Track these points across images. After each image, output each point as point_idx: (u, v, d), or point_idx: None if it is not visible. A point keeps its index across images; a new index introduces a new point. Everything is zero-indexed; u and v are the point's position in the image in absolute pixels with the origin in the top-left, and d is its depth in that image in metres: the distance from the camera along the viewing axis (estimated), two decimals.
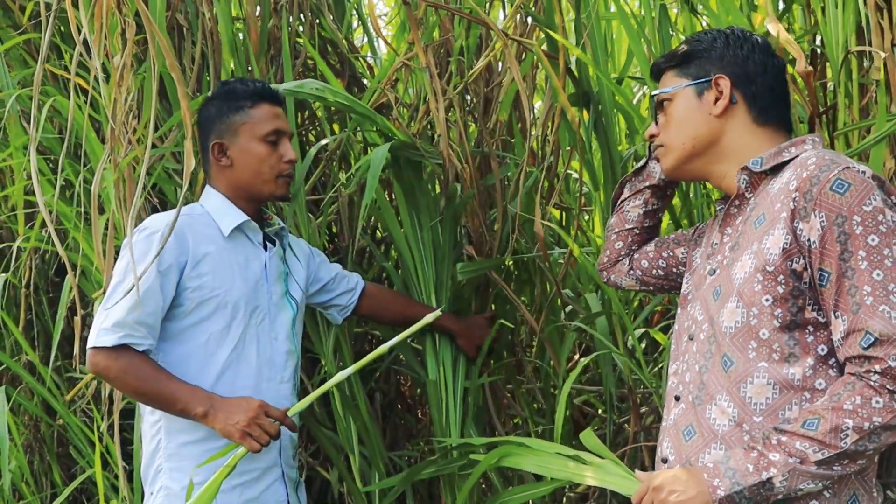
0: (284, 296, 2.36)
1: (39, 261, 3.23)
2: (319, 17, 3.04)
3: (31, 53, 3.09)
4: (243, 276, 2.26)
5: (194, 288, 2.18)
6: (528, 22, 2.55)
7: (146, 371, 2.11)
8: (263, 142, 2.28)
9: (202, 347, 2.20)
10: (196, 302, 2.19)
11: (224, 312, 2.21)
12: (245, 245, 2.31)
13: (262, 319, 2.29)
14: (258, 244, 2.34)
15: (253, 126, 2.28)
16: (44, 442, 3.30)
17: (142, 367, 2.11)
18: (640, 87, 3.43)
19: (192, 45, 2.74)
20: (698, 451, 1.67)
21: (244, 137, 2.28)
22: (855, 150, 1.94)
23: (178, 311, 2.20)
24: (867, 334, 1.50)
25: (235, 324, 2.23)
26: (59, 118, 2.95)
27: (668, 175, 1.87)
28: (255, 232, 2.33)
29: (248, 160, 2.28)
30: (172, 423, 2.20)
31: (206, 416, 2.10)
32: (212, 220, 2.27)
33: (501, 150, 2.87)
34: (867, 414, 1.49)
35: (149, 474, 2.26)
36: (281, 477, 2.31)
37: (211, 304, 2.20)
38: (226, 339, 2.22)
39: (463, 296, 2.70)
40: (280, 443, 2.30)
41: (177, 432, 2.21)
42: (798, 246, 1.57)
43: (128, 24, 1.98)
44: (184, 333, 2.20)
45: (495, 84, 2.74)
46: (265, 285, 2.31)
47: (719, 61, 1.75)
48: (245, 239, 2.32)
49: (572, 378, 2.36)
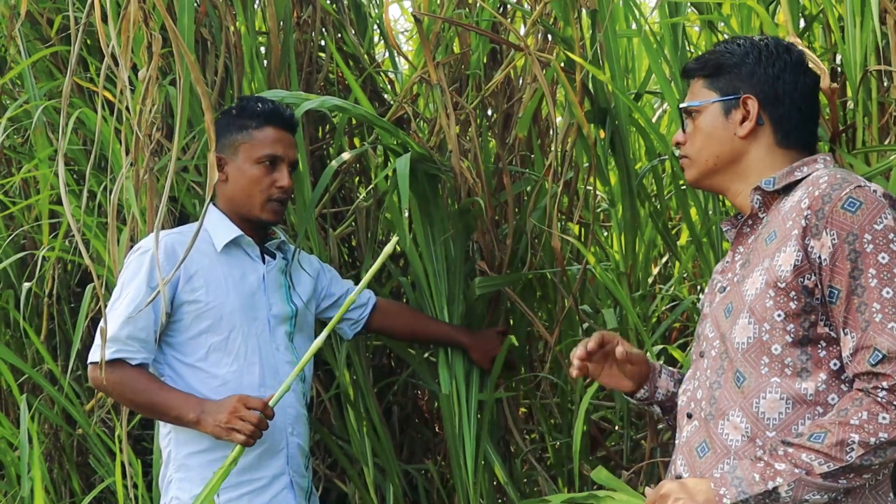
0: (284, 307, 2.38)
1: (62, 270, 3.26)
2: (342, 31, 3.07)
3: (58, 66, 3.13)
4: (239, 289, 2.29)
5: (190, 302, 2.24)
6: (547, 38, 2.57)
7: (139, 383, 2.18)
8: (259, 164, 2.30)
9: (203, 359, 2.26)
10: (193, 316, 2.24)
11: (221, 325, 2.26)
12: (241, 258, 2.34)
13: (263, 330, 2.31)
14: (256, 257, 2.37)
15: (252, 147, 2.30)
16: (63, 451, 3.33)
17: (135, 379, 2.18)
18: (660, 102, 3.44)
19: (216, 59, 2.77)
20: (711, 468, 1.67)
21: (242, 157, 2.31)
22: (875, 169, 1.94)
23: (178, 326, 2.26)
24: (875, 351, 1.51)
25: (234, 335, 2.27)
26: (84, 130, 2.99)
27: (690, 185, 1.88)
28: (250, 246, 2.35)
29: (241, 180, 2.31)
30: (180, 433, 2.26)
31: (198, 422, 2.15)
32: (207, 234, 2.30)
33: (520, 165, 2.88)
34: (874, 429, 1.49)
35: (163, 485, 2.31)
36: (290, 485, 2.32)
37: (207, 317, 2.25)
38: (226, 351, 2.26)
39: (475, 311, 2.71)
40: (287, 450, 2.32)
41: (184, 443, 2.26)
42: (809, 263, 1.58)
43: (154, 37, 2.01)
44: (185, 346, 2.26)
45: (515, 100, 2.76)
46: (263, 297, 2.34)
47: (749, 78, 1.73)
48: (241, 252, 2.35)
49: (590, 394, 2.36)
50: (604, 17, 2.38)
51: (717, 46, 1.82)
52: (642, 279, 3.07)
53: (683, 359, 2.73)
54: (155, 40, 2.01)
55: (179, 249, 2.22)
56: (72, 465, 3.31)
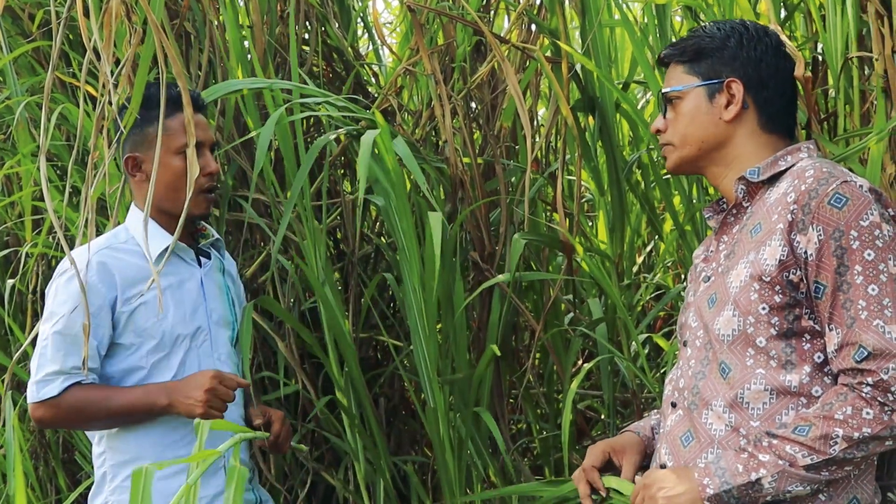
0: (225, 312, 2.28)
1: (46, 267, 3.24)
2: (325, 24, 3.06)
3: (40, 61, 3.11)
4: (178, 301, 2.17)
5: (127, 322, 2.11)
6: (531, 29, 2.57)
7: (94, 397, 2.07)
8: (180, 154, 2.12)
9: (145, 380, 2.13)
10: (133, 335, 2.12)
11: (162, 343, 2.14)
12: (177, 265, 2.20)
13: (204, 341, 2.20)
14: (191, 261, 2.23)
15: (168, 138, 2.11)
16: (49, 448, 3.31)
17: (88, 396, 2.07)
18: (643, 92, 3.45)
19: (200, 53, 2.76)
20: (695, 457, 1.68)
21: (160, 150, 2.04)
22: (853, 149, 1.95)
23: (118, 348, 2.14)
24: (861, 348, 1.53)
25: (175, 351, 2.15)
26: (66, 125, 2.97)
27: (671, 171, 1.88)
28: (185, 251, 2.22)
29: (165, 175, 2.12)
30: (118, 453, 2.15)
31: (170, 405, 2.06)
32: (137, 245, 2.15)
33: (505, 156, 2.88)
34: (857, 424, 1.51)
35: (95, 502, 2.19)
36: None
37: (147, 335, 2.13)
38: (166, 369, 2.14)
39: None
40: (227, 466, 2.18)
41: (123, 464, 2.14)
42: (795, 258, 1.58)
43: (135, 31, 2.00)
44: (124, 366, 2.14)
45: (500, 91, 2.76)
46: (203, 304, 2.22)
47: (732, 62, 1.72)
48: (176, 258, 2.19)
49: (576, 383, 2.37)
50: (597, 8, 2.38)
51: (695, 31, 1.79)
52: (627, 268, 3.09)
53: (668, 347, 2.74)
54: (135, 34, 2.00)
55: (111, 265, 2.10)
56: (57, 462, 3.30)
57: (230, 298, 2.30)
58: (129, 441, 2.15)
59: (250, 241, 2.96)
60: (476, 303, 2.72)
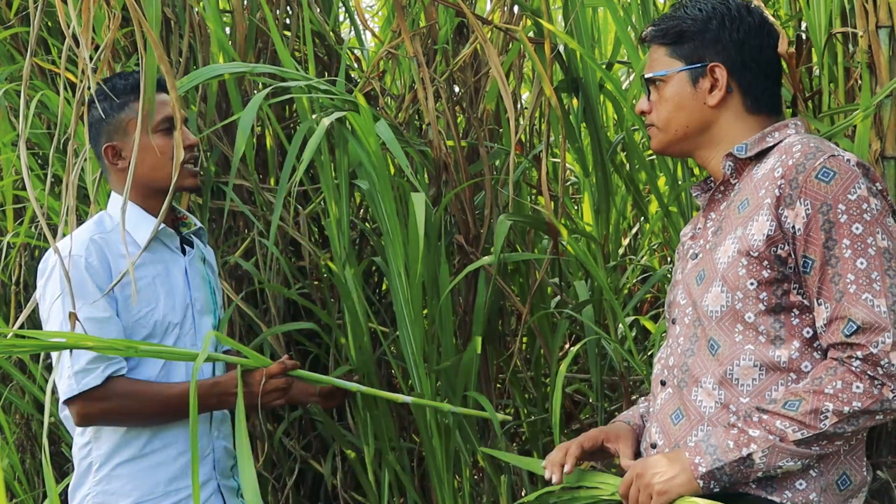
0: (207, 301, 2.28)
1: (29, 257, 3.22)
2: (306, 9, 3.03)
3: (18, 48, 3.08)
4: (166, 289, 2.17)
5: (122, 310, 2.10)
6: (514, 10, 2.56)
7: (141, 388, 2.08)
8: (157, 133, 2.14)
9: (135, 367, 2.12)
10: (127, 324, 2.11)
11: (154, 332, 2.13)
12: (162, 252, 2.21)
13: (189, 330, 2.21)
14: (175, 249, 2.24)
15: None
16: (36, 440, 3.29)
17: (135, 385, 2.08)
18: (627, 72, 3.44)
19: (180, 39, 2.73)
20: (686, 434, 1.68)
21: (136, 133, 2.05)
22: (839, 126, 1.95)
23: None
24: (850, 322, 1.53)
25: (165, 339, 2.15)
26: (47, 113, 2.94)
27: (657, 152, 1.88)
28: (170, 238, 2.23)
29: (147, 157, 2.12)
30: (105, 444, 2.13)
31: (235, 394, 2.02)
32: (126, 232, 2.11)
33: (489, 139, 2.87)
34: (847, 398, 1.51)
35: (76, 496, 2.17)
36: (217, 490, 2.24)
37: (140, 325, 2.12)
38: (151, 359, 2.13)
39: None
40: (213, 455, 2.23)
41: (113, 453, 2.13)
42: (782, 233, 1.58)
43: (113, 16, 1.98)
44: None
45: (483, 73, 2.75)
46: (188, 292, 2.23)
47: (714, 45, 1.71)
48: (161, 246, 2.21)
49: (564, 366, 2.37)
50: None
51: (676, 11, 1.77)
52: (612, 251, 3.08)
53: (655, 329, 2.74)
54: (115, 19, 1.98)
55: (106, 251, 2.09)
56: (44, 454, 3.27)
57: (211, 287, 2.31)
58: (117, 430, 2.13)
59: (234, 228, 2.94)
60: (462, 287, 2.71)
